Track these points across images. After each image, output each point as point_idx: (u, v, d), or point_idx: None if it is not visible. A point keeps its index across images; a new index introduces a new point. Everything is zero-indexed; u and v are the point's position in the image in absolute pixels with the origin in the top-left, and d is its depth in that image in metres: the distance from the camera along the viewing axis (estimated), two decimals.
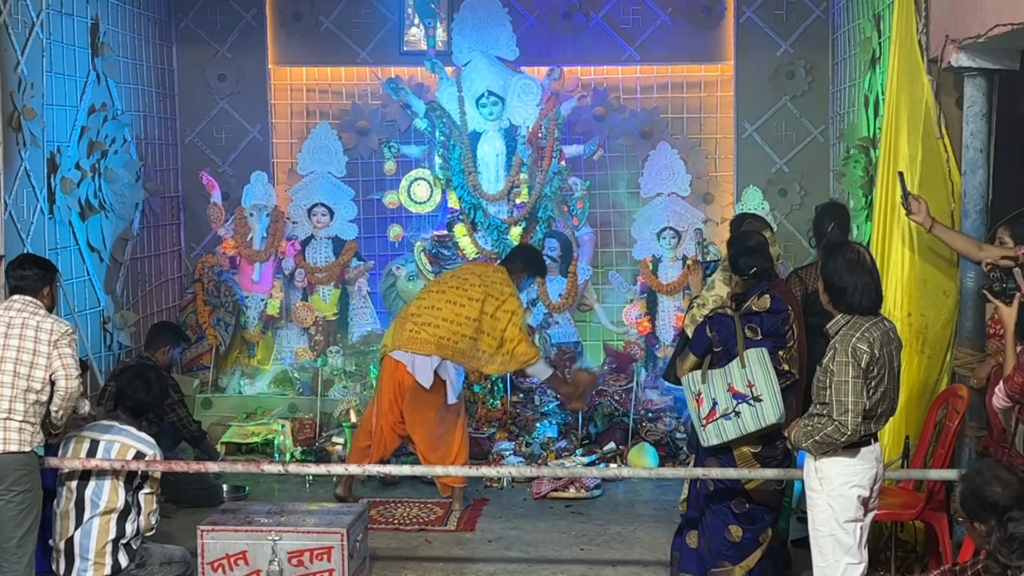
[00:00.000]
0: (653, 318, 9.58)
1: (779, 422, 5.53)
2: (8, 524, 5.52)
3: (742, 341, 5.67)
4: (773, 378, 5.59)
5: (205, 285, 9.71)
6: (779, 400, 5.56)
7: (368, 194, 10.16)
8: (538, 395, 9.07)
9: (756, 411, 5.58)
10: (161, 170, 9.90)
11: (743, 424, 5.61)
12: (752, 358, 5.63)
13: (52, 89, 7.88)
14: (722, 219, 9.88)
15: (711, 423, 5.69)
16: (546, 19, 10.01)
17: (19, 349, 5.60)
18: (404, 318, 7.45)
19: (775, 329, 5.74)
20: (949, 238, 6.13)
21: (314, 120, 10.24)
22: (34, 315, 5.70)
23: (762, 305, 5.74)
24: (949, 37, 6.25)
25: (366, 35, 10.20)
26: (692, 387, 5.80)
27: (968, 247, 6.08)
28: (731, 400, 5.62)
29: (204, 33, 10.20)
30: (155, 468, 5.97)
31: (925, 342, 6.51)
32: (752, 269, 5.79)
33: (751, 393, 5.59)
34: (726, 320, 5.77)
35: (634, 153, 10.04)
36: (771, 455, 5.73)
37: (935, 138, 6.54)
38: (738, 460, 5.74)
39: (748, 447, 5.72)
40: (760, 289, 5.78)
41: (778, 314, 5.75)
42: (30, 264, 5.91)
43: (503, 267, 7.71)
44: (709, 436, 5.71)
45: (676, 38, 10.03)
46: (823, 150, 9.78)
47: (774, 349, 5.71)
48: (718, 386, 5.68)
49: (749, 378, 5.60)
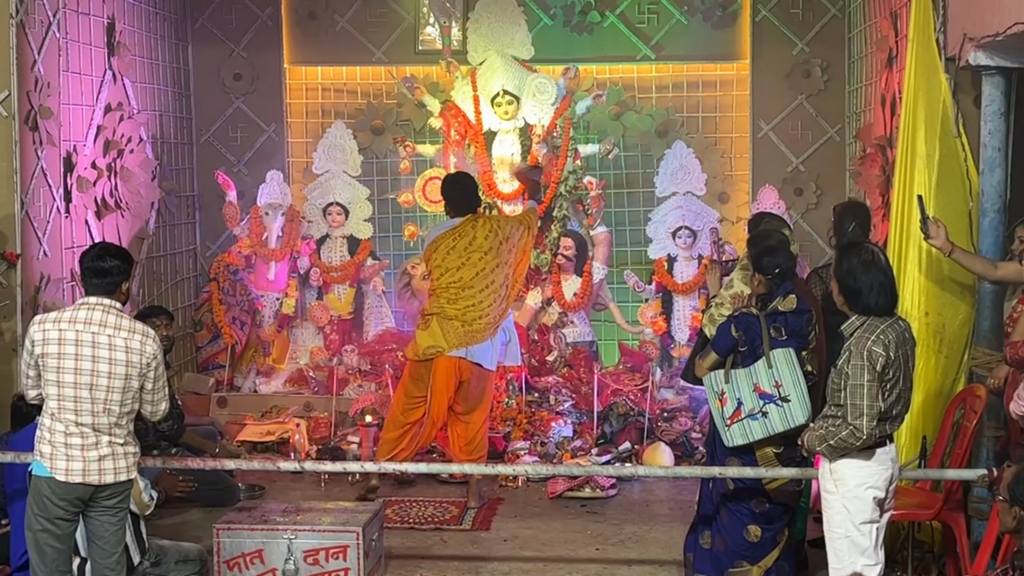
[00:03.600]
0: (668, 317, 9.56)
1: (808, 422, 5.49)
2: (111, 540, 5.30)
3: (767, 341, 5.65)
4: (801, 378, 5.57)
5: (221, 284, 9.71)
6: (807, 400, 5.55)
7: (383, 193, 10.17)
8: (553, 394, 9.06)
9: (784, 411, 5.56)
10: (177, 169, 9.92)
11: (771, 424, 5.60)
12: (779, 358, 5.61)
13: (68, 88, 7.90)
14: (737, 218, 9.86)
15: (736, 423, 5.67)
16: (561, 18, 10.00)
17: (109, 375, 5.11)
18: (447, 321, 7.44)
19: (800, 329, 5.72)
20: (968, 262, 6.11)
21: (329, 119, 10.25)
22: (118, 330, 5.15)
23: (788, 305, 5.71)
24: (967, 35, 6.23)
25: (381, 34, 10.21)
26: (715, 387, 5.78)
27: (986, 269, 6.07)
28: (758, 400, 5.60)
29: (220, 32, 10.22)
30: (172, 466, 5.95)
31: (942, 342, 6.49)
32: (776, 268, 5.76)
33: (779, 393, 5.57)
34: (752, 320, 5.74)
35: (649, 152, 10.03)
36: (793, 456, 5.70)
37: (953, 137, 6.52)
38: (760, 461, 5.72)
39: (771, 448, 5.70)
40: (785, 289, 5.75)
41: (803, 314, 5.73)
42: (111, 255, 5.25)
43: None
44: (734, 436, 5.69)
45: (692, 37, 10.01)
46: (839, 149, 9.76)
47: (798, 349, 5.69)
48: (743, 386, 5.66)
49: (776, 378, 5.58)
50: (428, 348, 7.44)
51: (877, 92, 8.33)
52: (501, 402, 8.88)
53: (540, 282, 9.67)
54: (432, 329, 7.47)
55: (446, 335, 7.42)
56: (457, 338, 7.41)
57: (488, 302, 7.46)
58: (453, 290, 7.46)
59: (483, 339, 7.45)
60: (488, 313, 7.45)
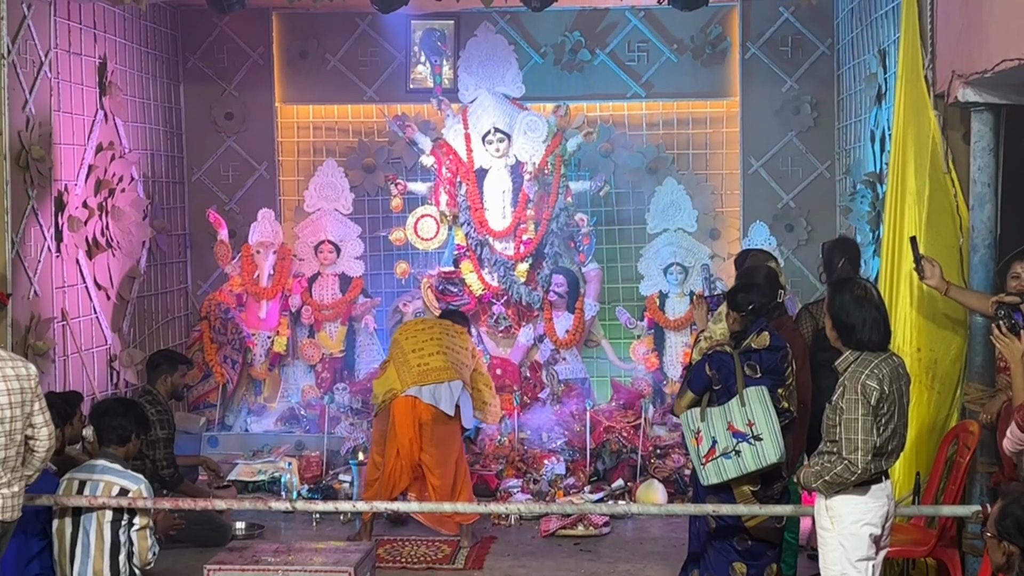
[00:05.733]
0: (660, 354, 9.56)
1: (780, 461, 5.53)
2: None
3: (741, 379, 5.65)
4: (773, 417, 5.57)
5: (212, 323, 9.69)
6: (779, 439, 5.55)
7: (375, 231, 10.18)
8: (546, 432, 9.03)
9: (757, 450, 5.56)
10: (168, 208, 9.92)
11: (743, 463, 5.60)
12: (752, 396, 5.61)
13: (60, 127, 7.91)
14: (728, 254, 9.87)
15: (711, 461, 5.67)
16: (552, 56, 10.06)
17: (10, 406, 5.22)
18: (403, 359, 7.47)
19: (774, 367, 5.72)
20: (964, 298, 6.13)
21: (321, 157, 10.27)
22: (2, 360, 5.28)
23: (761, 342, 5.72)
24: (956, 72, 6.27)
25: (373, 73, 10.25)
26: (691, 425, 5.79)
27: (982, 304, 6.07)
28: (731, 439, 5.61)
29: (211, 71, 10.24)
30: (162, 506, 5.92)
31: (935, 377, 6.49)
32: (750, 305, 5.76)
33: (751, 432, 5.58)
34: (725, 358, 5.75)
35: (640, 189, 10.05)
36: (770, 494, 5.71)
37: (942, 173, 6.54)
38: (738, 499, 5.72)
39: (748, 486, 5.69)
40: (759, 326, 5.76)
41: (777, 351, 5.73)
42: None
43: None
44: (709, 475, 5.69)
45: (682, 74, 10.06)
46: (829, 185, 9.79)
47: (773, 387, 5.69)
48: (717, 424, 5.67)
49: (749, 416, 5.59)
50: (385, 393, 7.48)
51: (866, 128, 8.37)
52: (493, 440, 8.86)
53: (532, 319, 9.66)
54: (388, 374, 7.55)
55: (400, 376, 7.43)
56: (411, 376, 7.38)
57: (446, 343, 7.53)
58: (413, 341, 7.58)
59: (438, 379, 7.38)
60: (446, 352, 7.47)
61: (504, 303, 9.62)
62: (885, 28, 7.89)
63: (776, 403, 5.65)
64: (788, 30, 9.88)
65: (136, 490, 5.82)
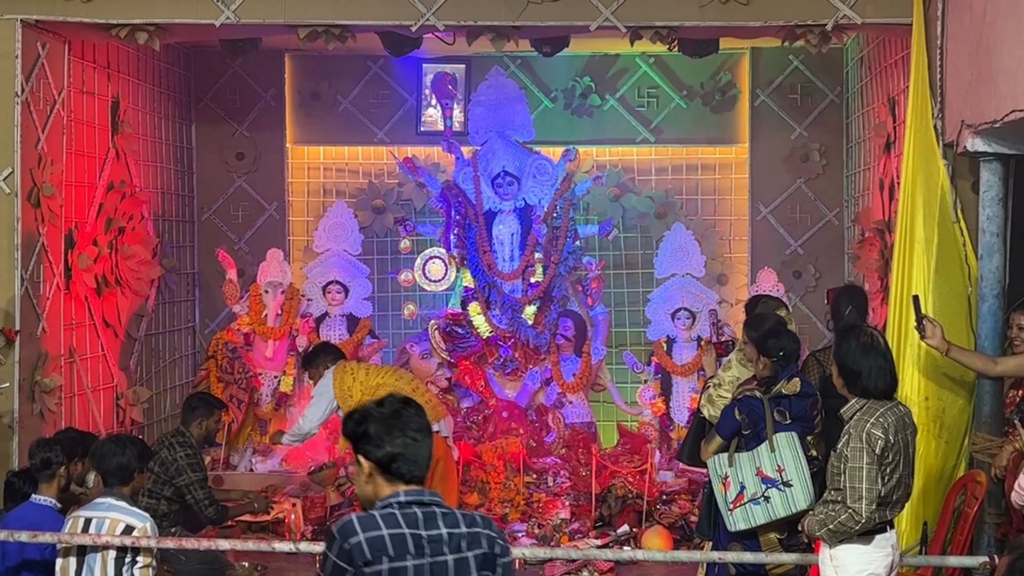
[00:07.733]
0: (667, 399, 9.53)
1: (810, 508, 5.43)
2: None
3: (771, 424, 5.61)
4: (804, 463, 5.52)
5: (219, 362, 9.67)
6: (810, 485, 5.50)
7: (383, 272, 10.19)
8: (551, 476, 8.99)
9: (786, 496, 5.51)
10: (178, 247, 9.95)
11: (773, 509, 5.54)
12: (782, 442, 5.57)
13: (72, 166, 7.94)
14: (736, 300, 9.87)
15: (738, 507, 5.61)
16: (562, 100, 10.11)
17: None
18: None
19: (804, 413, 5.68)
20: (966, 359, 6.11)
21: (331, 198, 10.31)
22: None
23: (792, 388, 5.67)
24: (965, 122, 6.28)
25: (383, 115, 10.30)
26: (718, 470, 5.73)
27: (985, 365, 6.07)
28: (760, 484, 5.55)
29: (223, 112, 10.30)
30: (166, 545, 5.90)
31: (942, 427, 6.46)
32: (781, 351, 5.72)
33: (781, 478, 5.52)
34: (755, 403, 5.70)
35: (649, 234, 10.07)
36: (797, 542, 5.64)
37: (951, 222, 6.54)
38: (764, 546, 5.65)
39: (775, 533, 5.63)
40: (790, 372, 5.71)
41: (807, 398, 5.69)
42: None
43: None
44: (736, 521, 5.63)
45: (691, 121, 10.11)
46: (838, 233, 9.80)
47: (803, 434, 5.64)
48: (746, 470, 5.61)
49: (779, 462, 5.53)
50: None
51: (875, 177, 8.38)
52: (499, 483, 8.82)
53: (539, 362, 9.65)
54: None
55: None
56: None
57: (412, 386, 7.67)
58: (390, 379, 7.72)
59: (437, 415, 7.45)
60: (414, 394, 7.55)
61: (511, 345, 9.61)
62: (894, 77, 7.92)
63: (805, 450, 5.61)
64: (798, 78, 9.92)
65: (141, 528, 5.79)
